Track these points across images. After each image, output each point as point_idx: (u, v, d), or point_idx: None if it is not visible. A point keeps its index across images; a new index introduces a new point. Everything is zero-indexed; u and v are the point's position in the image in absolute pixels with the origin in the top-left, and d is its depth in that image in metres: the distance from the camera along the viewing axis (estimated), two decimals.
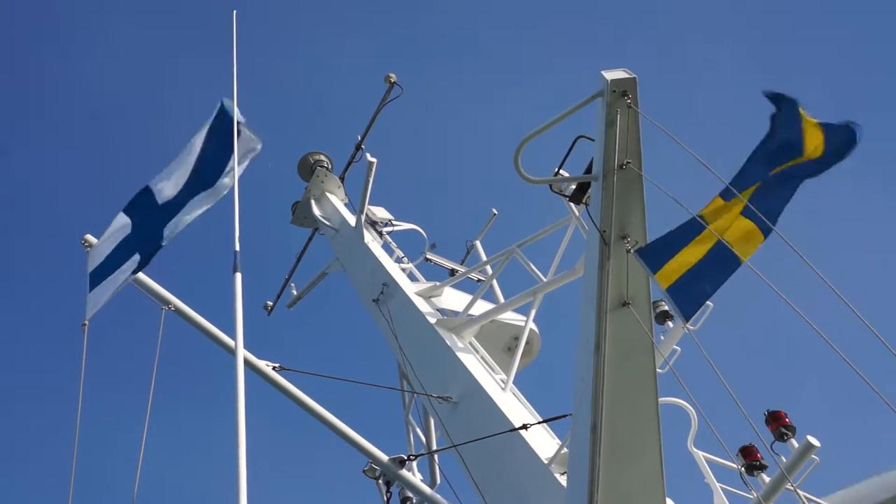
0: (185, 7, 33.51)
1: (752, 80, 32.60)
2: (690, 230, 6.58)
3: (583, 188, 7.79)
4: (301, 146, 15.22)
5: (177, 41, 33.85)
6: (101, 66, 33.92)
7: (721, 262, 6.41)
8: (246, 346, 9.17)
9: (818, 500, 8.03)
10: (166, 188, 9.56)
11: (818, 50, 32.86)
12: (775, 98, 6.87)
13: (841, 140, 6.71)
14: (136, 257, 9.08)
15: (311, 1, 34.81)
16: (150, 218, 9.41)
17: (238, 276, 7.36)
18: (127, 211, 9.63)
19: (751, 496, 8.18)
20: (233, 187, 8.85)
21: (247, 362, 9.47)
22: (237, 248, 7.68)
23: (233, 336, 6.90)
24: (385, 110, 14.04)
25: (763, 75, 32.16)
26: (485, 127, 33.77)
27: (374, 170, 12.78)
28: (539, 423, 8.93)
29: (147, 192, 9.61)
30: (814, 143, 6.74)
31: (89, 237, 9.90)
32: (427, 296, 11.48)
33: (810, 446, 7.40)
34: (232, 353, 6.79)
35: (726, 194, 6.67)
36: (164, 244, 8.99)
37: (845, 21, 32.47)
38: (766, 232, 6.52)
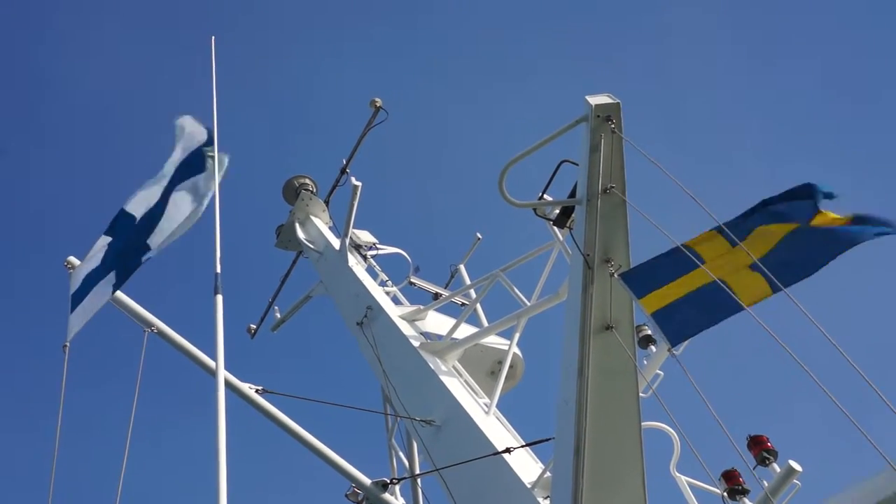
0: (180, 23, 33.53)
1: (749, 78, 32.91)
2: (681, 264, 6.49)
3: (567, 212, 7.83)
4: (286, 169, 15.24)
5: (171, 55, 33.87)
6: (89, 81, 33.94)
7: (717, 302, 6.28)
8: (228, 369, 9.18)
9: None
10: (140, 206, 9.57)
11: (816, 48, 33.18)
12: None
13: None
14: (112, 274, 9.05)
15: (294, 25, 34.90)
16: (126, 236, 9.42)
17: (219, 297, 7.35)
18: (107, 232, 9.63)
19: None
20: (202, 206, 8.86)
21: (229, 385, 9.43)
22: (218, 269, 7.68)
23: (214, 358, 6.88)
24: (370, 134, 14.09)
25: (762, 74, 32.46)
26: (469, 150, 33.90)
27: (358, 193, 12.79)
28: (522, 446, 8.91)
29: (125, 214, 9.62)
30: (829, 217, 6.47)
31: (72, 259, 9.87)
32: (411, 319, 11.48)
33: (792, 471, 7.42)
34: (213, 374, 6.77)
35: (727, 236, 6.47)
36: (143, 260, 8.96)
37: (845, 18, 32.78)
38: (775, 288, 6.19)
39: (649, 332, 9.37)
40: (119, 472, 8.03)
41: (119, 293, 9.64)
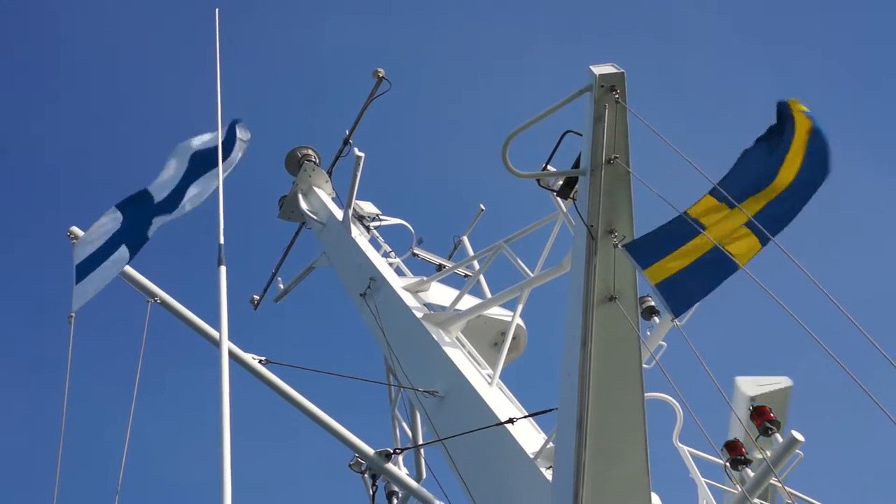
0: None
1: (750, 47, 32.70)
2: (684, 232, 6.53)
3: (570, 183, 7.80)
4: (289, 140, 15.16)
5: (166, 30, 33.72)
6: (90, 52, 33.81)
7: (716, 266, 6.38)
8: (232, 340, 9.19)
9: (802, 495, 8.08)
10: (160, 188, 9.62)
11: (818, 16, 32.98)
12: (783, 110, 6.73)
13: (816, 164, 6.59)
14: (124, 249, 9.08)
15: None
16: (142, 213, 9.44)
17: (223, 268, 7.35)
18: (120, 206, 9.64)
19: (735, 491, 8.22)
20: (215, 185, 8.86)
21: (232, 355, 9.44)
22: (221, 241, 7.68)
23: (218, 329, 6.88)
24: (373, 105, 14.03)
25: (761, 41, 32.28)
26: (473, 121, 33.79)
27: (361, 164, 12.76)
28: (525, 417, 8.94)
29: (145, 193, 9.65)
30: (790, 169, 6.63)
31: (75, 229, 9.88)
32: (414, 290, 11.48)
33: (794, 441, 7.45)
34: (217, 345, 6.78)
35: (722, 197, 6.58)
36: (149, 235, 9.00)
37: None
38: (763, 242, 6.44)
39: (652, 303, 9.36)
40: (124, 440, 8.09)
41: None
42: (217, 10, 11.32)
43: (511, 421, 8.67)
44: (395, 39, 33.80)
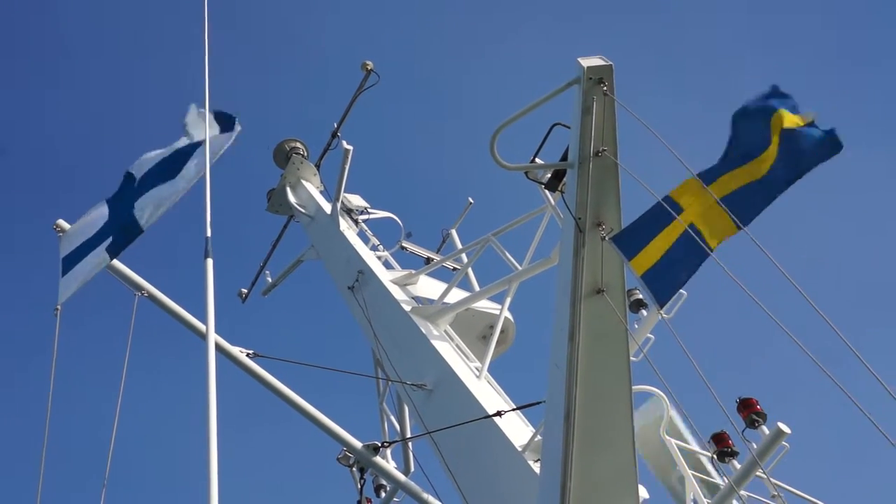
0: None
1: (746, 25, 32.73)
2: (663, 216, 6.58)
3: (558, 175, 7.80)
4: (277, 133, 15.13)
5: (162, 25, 33.58)
6: (83, 47, 33.66)
7: (691, 250, 6.44)
8: (219, 333, 9.18)
9: (788, 486, 8.12)
10: (141, 171, 9.54)
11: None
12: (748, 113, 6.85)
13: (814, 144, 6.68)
14: (108, 241, 9.04)
15: None
16: (124, 202, 9.40)
17: (209, 261, 7.33)
18: (109, 200, 9.60)
19: (722, 483, 8.25)
20: (201, 173, 8.81)
21: (220, 348, 9.43)
22: (208, 233, 7.66)
23: (204, 322, 6.86)
24: (362, 97, 14.00)
25: (758, 19, 32.29)
26: (461, 113, 33.77)
27: (349, 157, 12.74)
28: (513, 410, 8.95)
29: (129, 178, 9.59)
30: (766, 161, 6.72)
31: (61, 222, 9.85)
32: (402, 284, 11.47)
33: (780, 433, 7.47)
34: (204, 338, 6.76)
35: (704, 178, 6.67)
36: (143, 229, 8.94)
37: None
38: (738, 226, 6.52)
39: (640, 295, 9.38)
40: (110, 433, 8.08)
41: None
42: None
43: (499, 414, 8.68)
44: (383, 31, 33.77)
